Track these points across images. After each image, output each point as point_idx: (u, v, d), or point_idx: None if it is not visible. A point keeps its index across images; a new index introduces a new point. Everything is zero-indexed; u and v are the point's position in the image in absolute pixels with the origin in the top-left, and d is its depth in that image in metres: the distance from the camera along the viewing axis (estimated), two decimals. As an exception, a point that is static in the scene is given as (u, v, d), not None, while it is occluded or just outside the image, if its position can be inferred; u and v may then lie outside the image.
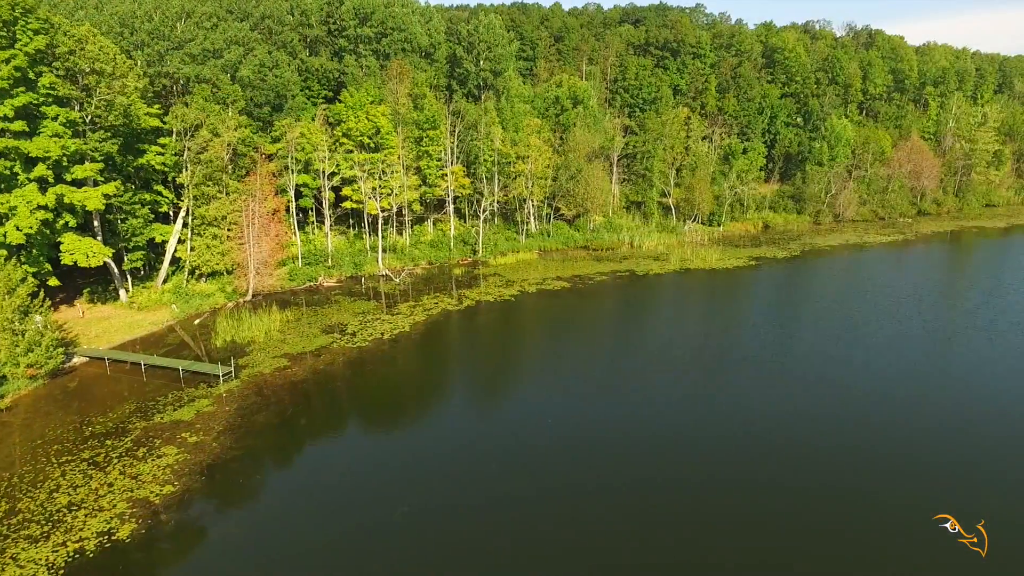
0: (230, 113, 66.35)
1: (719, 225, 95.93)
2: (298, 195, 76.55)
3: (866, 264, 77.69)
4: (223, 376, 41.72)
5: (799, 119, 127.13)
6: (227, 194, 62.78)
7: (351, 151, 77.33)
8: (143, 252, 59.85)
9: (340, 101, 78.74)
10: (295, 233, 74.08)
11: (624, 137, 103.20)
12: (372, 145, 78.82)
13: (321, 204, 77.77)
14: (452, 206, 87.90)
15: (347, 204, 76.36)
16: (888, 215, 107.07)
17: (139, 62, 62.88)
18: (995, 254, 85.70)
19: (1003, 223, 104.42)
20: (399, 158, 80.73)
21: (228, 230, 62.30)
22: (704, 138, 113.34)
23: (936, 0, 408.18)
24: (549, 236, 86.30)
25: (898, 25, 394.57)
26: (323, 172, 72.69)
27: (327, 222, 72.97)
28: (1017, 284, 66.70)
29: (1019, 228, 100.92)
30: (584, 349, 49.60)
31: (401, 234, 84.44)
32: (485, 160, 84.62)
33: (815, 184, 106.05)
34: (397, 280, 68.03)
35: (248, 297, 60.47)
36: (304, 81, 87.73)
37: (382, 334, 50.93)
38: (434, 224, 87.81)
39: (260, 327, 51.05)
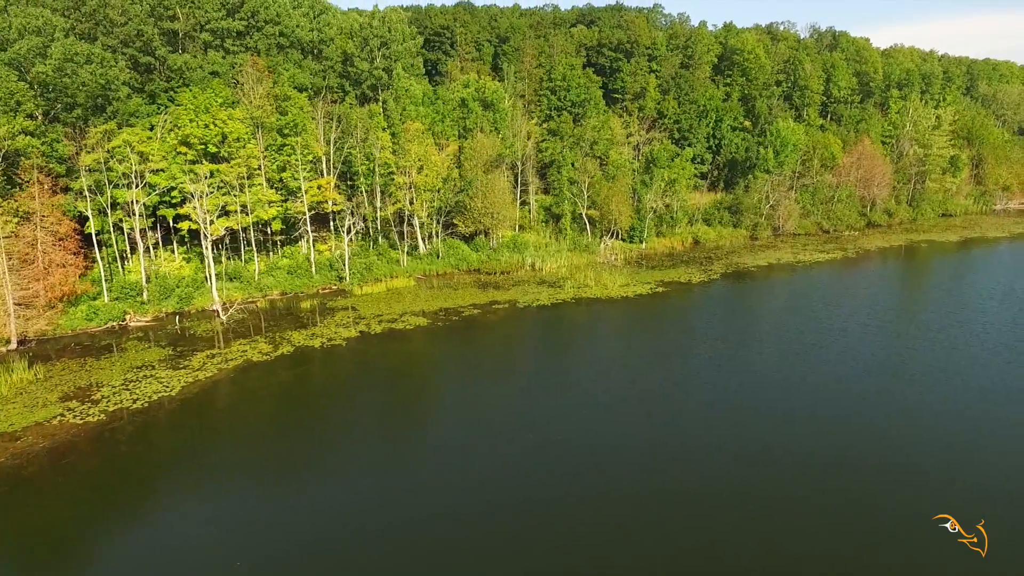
0: (18, 117, 54.90)
1: (641, 242, 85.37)
2: (129, 214, 65.13)
3: (790, 292, 67.38)
4: None
5: (748, 122, 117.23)
6: (-4, 216, 51.10)
7: (195, 162, 65.99)
8: None
9: (177, 103, 67.32)
10: (117, 261, 62.58)
11: (545, 142, 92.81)
12: (224, 155, 67.61)
13: (155, 224, 66.54)
14: (331, 223, 77.00)
15: (184, 225, 64.88)
16: (834, 227, 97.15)
17: None
18: (944, 277, 75.78)
19: (957, 236, 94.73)
20: (260, 168, 69.63)
21: None
22: (636, 146, 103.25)
23: (905, 5, 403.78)
24: (439, 257, 75.23)
25: (866, 30, 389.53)
26: (134, 186, 60.97)
27: (140, 246, 61.24)
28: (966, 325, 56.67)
29: (975, 242, 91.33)
30: (389, 430, 38.56)
31: (270, 255, 73.20)
32: (362, 170, 73.73)
33: (754, 194, 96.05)
34: (223, 317, 56.58)
35: (12, 345, 48.74)
36: (167, 81, 76.48)
37: (135, 401, 39.50)
38: (313, 245, 76.50)
39: (-23, 393, 39.46)
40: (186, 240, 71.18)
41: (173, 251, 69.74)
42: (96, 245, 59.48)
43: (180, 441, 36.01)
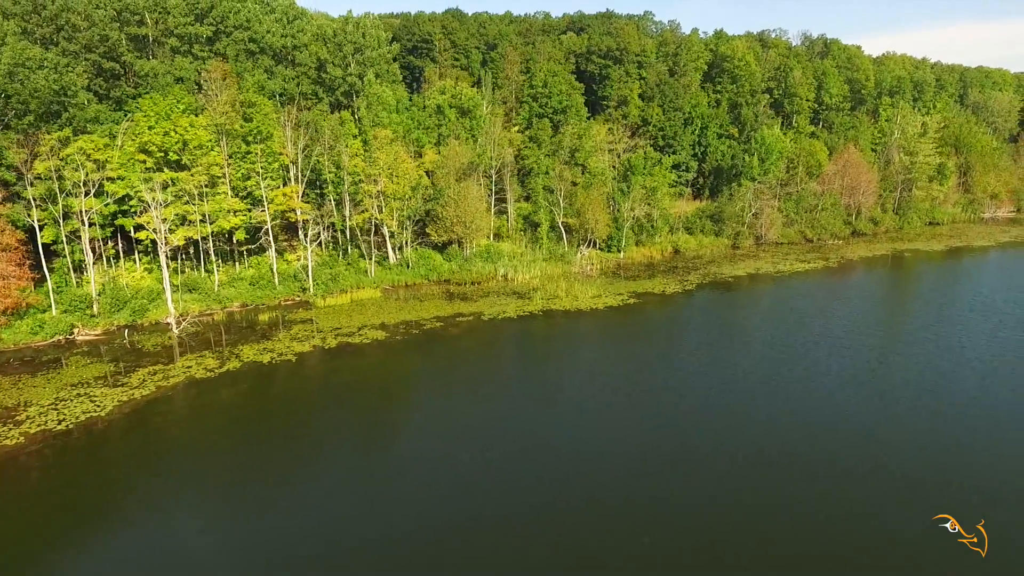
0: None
1: (619, 251, 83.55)
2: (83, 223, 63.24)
3: (768, 303, 65.54)
4: None
5: (734, 130, 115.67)
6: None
7: (155, 169, 64.19)
8: None
9: (139, 110, 65.58)
10: (70, 272, 60.66)
11: (523, 150, 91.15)
12: (187, 162, 65.85)
13: (115, 234, 64.77)
14: (301, 232, 75.16)
15: (143, 235, 62.99)
16: (818, 236, 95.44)
17: None
18: (926, 287, 73.98)
19: (942, 245, 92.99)
20: (224, 176, 67.90)
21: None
22: (618, 154, 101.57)
23: (899, 13, 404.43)
24: (409, 267, 73.36)
25: (859, 38, 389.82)
26: (87, 194, 59.15)
27: (90, 256, 59.34)
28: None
29: (961, 251, 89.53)
30: (336, 448, 36.73)
31: (236, 266, 71.32)
32: (330, 178, 72.04)
33: (737, 202, 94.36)
34: (176, 331, 54.63)
35: (-54, 361, 46.85)
36: (135, 87, 74.97)
37: (61, 422, 37.50)
38: (281, 255, 74.65)
39: None
40: (149, 251, 69.35)
41: (135, 262, 67.92)
42: (48, 256, 57.63)
43: (100, 468, 33.93)
